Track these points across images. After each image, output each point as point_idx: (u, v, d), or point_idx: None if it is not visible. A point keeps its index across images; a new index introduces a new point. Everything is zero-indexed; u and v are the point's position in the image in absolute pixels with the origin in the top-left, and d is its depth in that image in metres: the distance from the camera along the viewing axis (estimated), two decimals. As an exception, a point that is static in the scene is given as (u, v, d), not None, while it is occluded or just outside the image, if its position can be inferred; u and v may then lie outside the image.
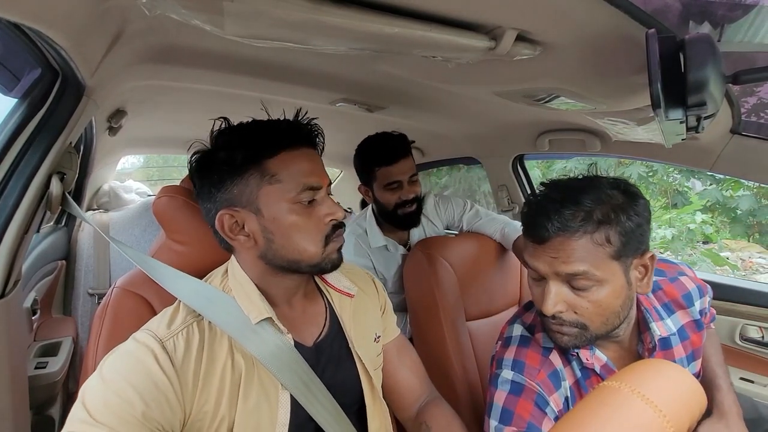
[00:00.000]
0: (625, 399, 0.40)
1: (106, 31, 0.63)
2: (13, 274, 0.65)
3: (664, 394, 0.40)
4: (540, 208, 0.63)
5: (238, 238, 0.60)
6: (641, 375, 0.43)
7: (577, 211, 0.61)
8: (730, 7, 0.55)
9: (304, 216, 0.60)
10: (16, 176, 0.63)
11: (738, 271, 3.08)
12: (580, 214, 0.61)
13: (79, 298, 1.46)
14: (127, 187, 1.89)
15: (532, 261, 0.65)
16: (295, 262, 0.61)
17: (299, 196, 0.59)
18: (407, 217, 1.22)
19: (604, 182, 0.65)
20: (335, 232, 0.63)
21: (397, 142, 1.20)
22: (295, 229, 0.59)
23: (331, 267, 0.64)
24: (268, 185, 0.59)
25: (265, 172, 0.59)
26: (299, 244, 0.60)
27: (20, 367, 0.73)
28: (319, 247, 0.61)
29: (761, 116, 0.91)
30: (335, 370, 0.66)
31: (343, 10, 0.51)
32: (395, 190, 1.20)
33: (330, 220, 0.62)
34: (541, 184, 0.70)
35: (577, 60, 0.67)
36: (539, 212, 0.63)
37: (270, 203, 0.59)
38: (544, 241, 0.62)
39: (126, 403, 0.48)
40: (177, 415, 0.52)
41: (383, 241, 1.28)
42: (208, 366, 0.55)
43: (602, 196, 0.62)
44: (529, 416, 0.64)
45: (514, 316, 0.81)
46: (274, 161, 0.59)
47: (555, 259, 0.62)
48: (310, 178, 0.60)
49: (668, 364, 0.47)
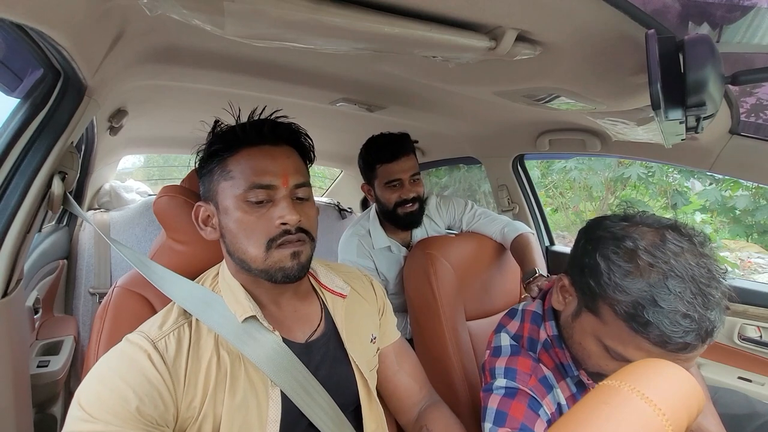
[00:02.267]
0: (624, 398, 0.40)
1: (108, 32, 0.63)
2: (15, 274, 0.66)
3: (663, 393, 0.40)
4: (671, 312, 0.52)
5: (205, 229, 0.64)
6: (641, 374, 0.44)
7: (713, 310, 0.53)
8: (729, 9, 0.55)
9: (251, 215, 0.59)
10: (18, 176, 0.63)
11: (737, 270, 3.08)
12: (715, 312, 0.53)
13: (80, 298, 1.47)
14: (127, 187, 1.90)
15: (638, 353, 0.55)
16: (243, 263, 0.60)
17: (246, 194, 0.59)
18: (408, 217, 1.22)
19: (690, 240, 0.56)
20: (282, 237, 0.58)
21: (399, 140, 1.20)
22: (239, 226, 0.59)
23: (282, 277, 0.59)
24: (224, 181, 0.61)
25: (224, 168, 0.61)
26: (242, 243, 0.59)
27: (22, 366, 0.73)
28: (260, 251, 0.58)
29: (760, 117, 0.91)
30: (330, 369, 0.66)
31: (344, 10, 0.52)
32: (395, 189, 1.20)
33: (280, 223, 0.59)
34: (616, 240, 0.58)
35: (578, 60, 0.67)
36: (674, 318, 0.52)
37: (223, 199, 0.61)
38: (681, 350, 0.53)
39: (120, 398, 0.49)
40: (170, 410, 0.53)
41: (387, 242, 1.28)
42: (194, 363, 0.56)
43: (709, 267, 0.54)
44: (522, 417, 0.65)
45: (500, 325, 0.81)
46: (234, 158, 0.61)
47: (682, 361, 0.54)
48: (262, 177, 0.59)
49: (667, 364, 0.48)
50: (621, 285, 0.56)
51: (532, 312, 0.78)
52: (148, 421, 0.50)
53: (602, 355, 0.61)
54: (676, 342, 0.53)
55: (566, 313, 0.69)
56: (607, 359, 0.61)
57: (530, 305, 0.81)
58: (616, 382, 0.43)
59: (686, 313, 0.52)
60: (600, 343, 0.61)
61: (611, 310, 0.57)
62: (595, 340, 0.61)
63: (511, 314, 0.82)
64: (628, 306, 0.55)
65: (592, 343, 0.62)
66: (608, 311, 0.58)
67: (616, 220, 0.63)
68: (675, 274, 0.54)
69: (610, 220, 0.64)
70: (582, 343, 0.64)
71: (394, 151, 1.18)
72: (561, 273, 0.70)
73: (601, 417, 0.40)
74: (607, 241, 0.60)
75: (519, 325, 0.78)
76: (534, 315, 0.77)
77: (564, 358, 0.71)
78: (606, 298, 0.58)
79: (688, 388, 0.44)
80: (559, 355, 0.72)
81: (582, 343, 0.64)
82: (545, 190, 4.05)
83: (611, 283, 0.57)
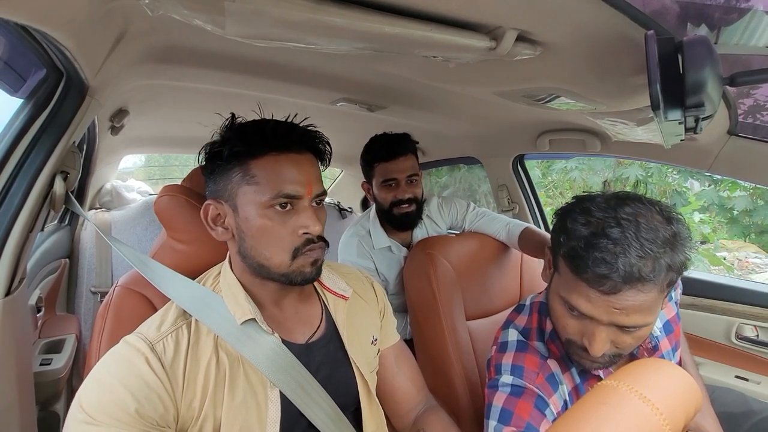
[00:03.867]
0: (622, 397, 0.41)
1: (110, 32, 0.63)
2: (18, 272, 0.66)
3: (661, 392, 0.41)
4: (603, 250, 0.54)
5: (216, 229, 0.62)
6: (639, 374, 0.44)
7: (648, 258, 0.53)
8: (726, 11, 0.56)
9: (276, 222, 0.58)
10: (21, 175, 0.63)
11: (734, 270, 3.08)
12: (650, 262, 0.53)
13: (82, 296, 1.47)
14: (128, 186, 1.90)
15: (586, 306, 0.57)
16: (262, 267, 0.60)
17: (272, 201, 0.58)
18: (403, 217, 1.22)
19: (654, 210, 0.58)
20: (306, 246, 0.60)
21: (398, 140, 1.20)
22: (264, 234, 0.58)
23: (302, 280, 0.61)
24: (246, 185, 0.58)
25: (247, 172, 0.58)
26: (266, 250, 0.59)
27: (26, 364, 0.73)
28: (286, 258, 0.59)
29: (757, 118, 0.92)
30: (331, 371, 0.66)
31: (344, 10, 0.52)
32: (391, 188, 1.20)
33: (303, 233, 0.59)
34: (580, 203, 0.62)
35: (578, 60, 0.68)
36: (603, 255, 0.54)
37: (245, 203, 0.59)
38: (610, 293, 0.55)
39: (120, 402, 0.50)
40: (170, 411, 0.53)
41: (387, 242, 1.28)
42: (193, 364, 0.56)
43: (664, 233, 0.55)
44: (528, 417, 0.64)
45: (507, 321, 0.81)
46: (258, 162, 0.58)
47: (618, 311, 0.55)
48: (290, 186, 0.58)
49: (666, 363, 0.48)
50: (570, 231, 0.60)
51: (539, 303, 0.79)
52: (149, 422, 0.51)
53: (563, 313, 0.63)
54: (604, 282, 0.55)
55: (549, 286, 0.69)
56: (566, 317, 0.62)
57: (538, 296, 0.81)
58: (614, 382, 0.44)
59: (615, 256, 0.54)
60: (560, 299, 0.63)
61: (562, 259, 0.61)
62: (558, 297, 0.63)
63: (519, 309, 0.81)
64: (571, 249, 0.59)
65: (557, 302, 0.64)
66: (561, 261, 0.62)
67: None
68: (616, 225, 0.56)
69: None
70: (552, 307, 0.66)
71: (392, 150, 1.18)
72: None
73: (600, 417, 0.40)
74: (574, 206, 0.64)
75: (527, 318, 0.78)
76: (541, 305, 0.77)
77: None
78: (561, 248, 0.62)
79: (686, 387, 0.44)
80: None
81: (552, 307, 0.66)
82: (545, 190, 4.06)
83: (565, 233, 0.61)
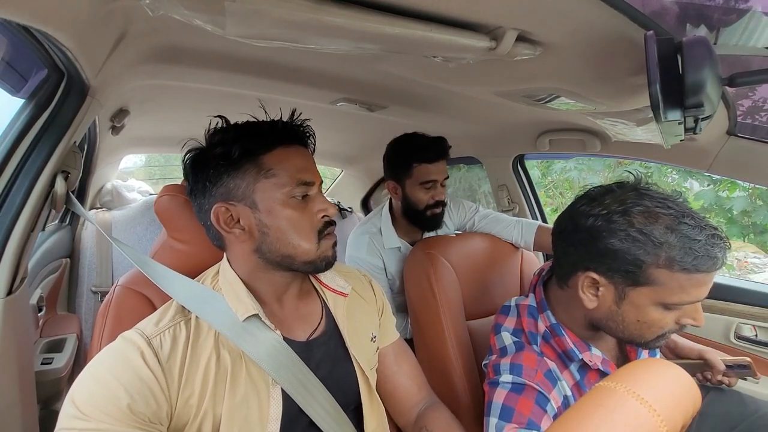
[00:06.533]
0: (620, 399, 0.40)
1: (110, 32, 0.64)
2: (20, 272, 0.66)
3: (659, 393, 0.41)
4: (695, 234, 0.61)
5: (233, 231, 0.61)
6: (638, 375, 0.44)
7: (702, 219, 0.62)
8: (725, 11, 0.56)
9: (298, 210, 0.61)
10: (22, 175, 0.64)
11: (733, 270, 3.08)
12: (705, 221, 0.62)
13: (83, 296, 1.48)
14: (129, 186, 1.90)
15: (698, 291, 0.62)
16: (288, 257, 0.62)
17: (294, 190, 0.61)
18: (434, 218, 1.23)
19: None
20: (327, 228, 0.64)
21: (441, 143, 1.21)
22: (290, 223, 0.61)
23: (326, 265, 0.64)
24: (264, 179, 0.60)
25: (262, 167, 0.60)
26: (294, 239, 0.61)
27: (27, 363, 0.74)
28: (313, 243, 0.62)
29: (756, 118, 0.92)
30: (331, 368, 0.66)
31: (344, 10, 0.52)
32: (429, 190, 1.21)
33: (322, 216, 0.63)
34: (668, 203, 0.64)
35: (577, 61, 0.68)
36: (701, 238, 0.60)
37: (266, 197, 0.60)
38: (714, 268, 0.61)
39: (112, 396, 0.49)
40: (163, 408, 0.53)
41: (397, 242, 1.29)
42: (192, 361, 0.56)
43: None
44: (529, 413, 0.65)
45: (496, 325, 0.81)
46: (270, 156, 0.61)
47: (710, 278, 0.62)
48: (305, 174, 0.62)
49: (665, 363, 0.48)
50: (656, 239, 0.61)
51: (527, 306, 0.79)
52: (140, 419, 0.51)
53: (662, 316, 0.64)
54: (715, 261, 0.60)
55: (605, 306, 0.67)
56: (666, 316, 0.64)
57: (523, 300, 0.81)
58: (612, 383, 0.44)
59: (701, 230, 0.60)
60: (661, 306, 0.64)
61: (665, 270, 0.61)
62: (656, 306, 0.64)
63: (505, 311, 0.82)
64: (676, 255, 0.60)
65: (653, 311, 0.64)
66: (662, 272, 0.61)
67: (587, 204, 0.67)
68: (678, 214, 0.61)
69: (584, 207, 0.67)
70: (641, 319, 0.65)
71: (435, 152, 1.20)
72: (577, 274, 0.68)
73: (597, 419, 0.40)
74: (612, 222, 0.63)
75: (516, 320, 0.79)
76: (530, 308, 0.78)
77: (566, 344, 0.71)
78: (652, 264, 0.61)
79: (684, 387, 0.44)
80: (561, 343, 0.72)
81: (641, 319, 0.65)
82: (545, 190, 4.05)
83: (651, 244, 0.61)
